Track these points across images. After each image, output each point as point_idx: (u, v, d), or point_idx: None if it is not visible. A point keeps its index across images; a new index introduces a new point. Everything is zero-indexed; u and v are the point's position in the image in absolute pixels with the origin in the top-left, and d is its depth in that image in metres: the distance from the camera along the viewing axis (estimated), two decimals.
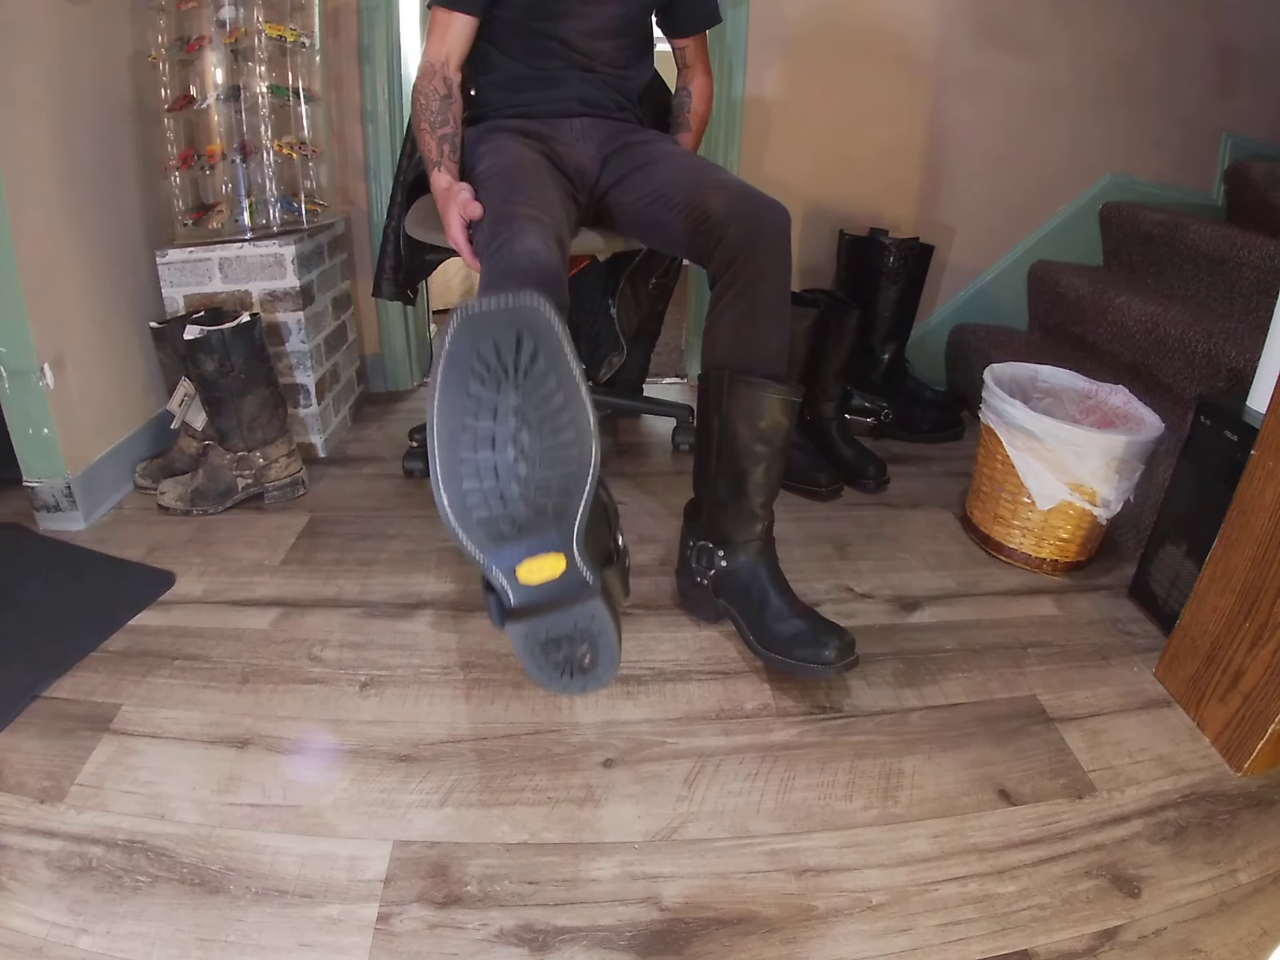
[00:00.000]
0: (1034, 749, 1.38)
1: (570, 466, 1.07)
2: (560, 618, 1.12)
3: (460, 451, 1.04)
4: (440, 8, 1.73)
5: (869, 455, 2.25)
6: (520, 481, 1.07)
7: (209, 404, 1.95)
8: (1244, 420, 1.52)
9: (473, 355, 1.01)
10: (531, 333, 1.01)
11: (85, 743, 1.32)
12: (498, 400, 1.03)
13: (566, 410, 1.05)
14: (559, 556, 1.11)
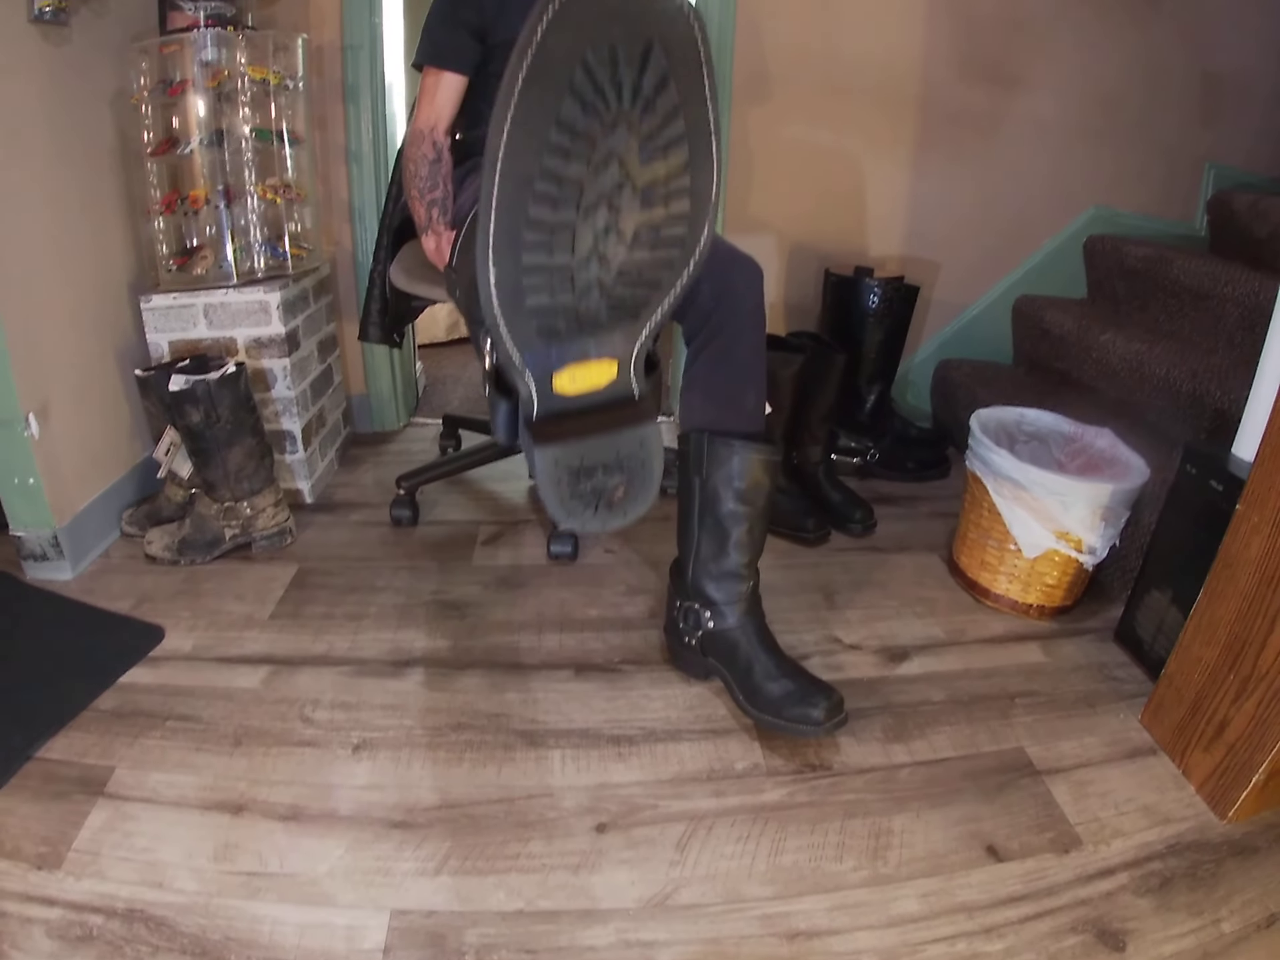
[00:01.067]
0: (1021, 803, 1.39)
1: (673, 251, 0.87)
2: (604, 444, 0.97)
3: (530, 207, 0.80)
4: (431, 67, 1.75)
5: (855, 499, 2.26)
6: (603, 264, 0.85)
7: (195, 455, 1.95)
8: (1229, 470, 1.54)
9: (575, 62, 0.74)
10: (666, 47, 0.76)
11: (80, 807, 1.32)
12: (600, 137, 0.78)
13: (690, 171, 0.82)
14: (611, 363, 0.94)
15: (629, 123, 0.77)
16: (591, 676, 1.66)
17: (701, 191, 0.84)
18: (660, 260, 0.88)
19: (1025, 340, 2.85)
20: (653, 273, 0.89)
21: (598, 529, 1.15)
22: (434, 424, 2.90)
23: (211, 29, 2.05)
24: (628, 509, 1.08)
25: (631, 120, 0.77)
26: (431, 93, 1.75)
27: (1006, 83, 2.68)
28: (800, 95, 2.62)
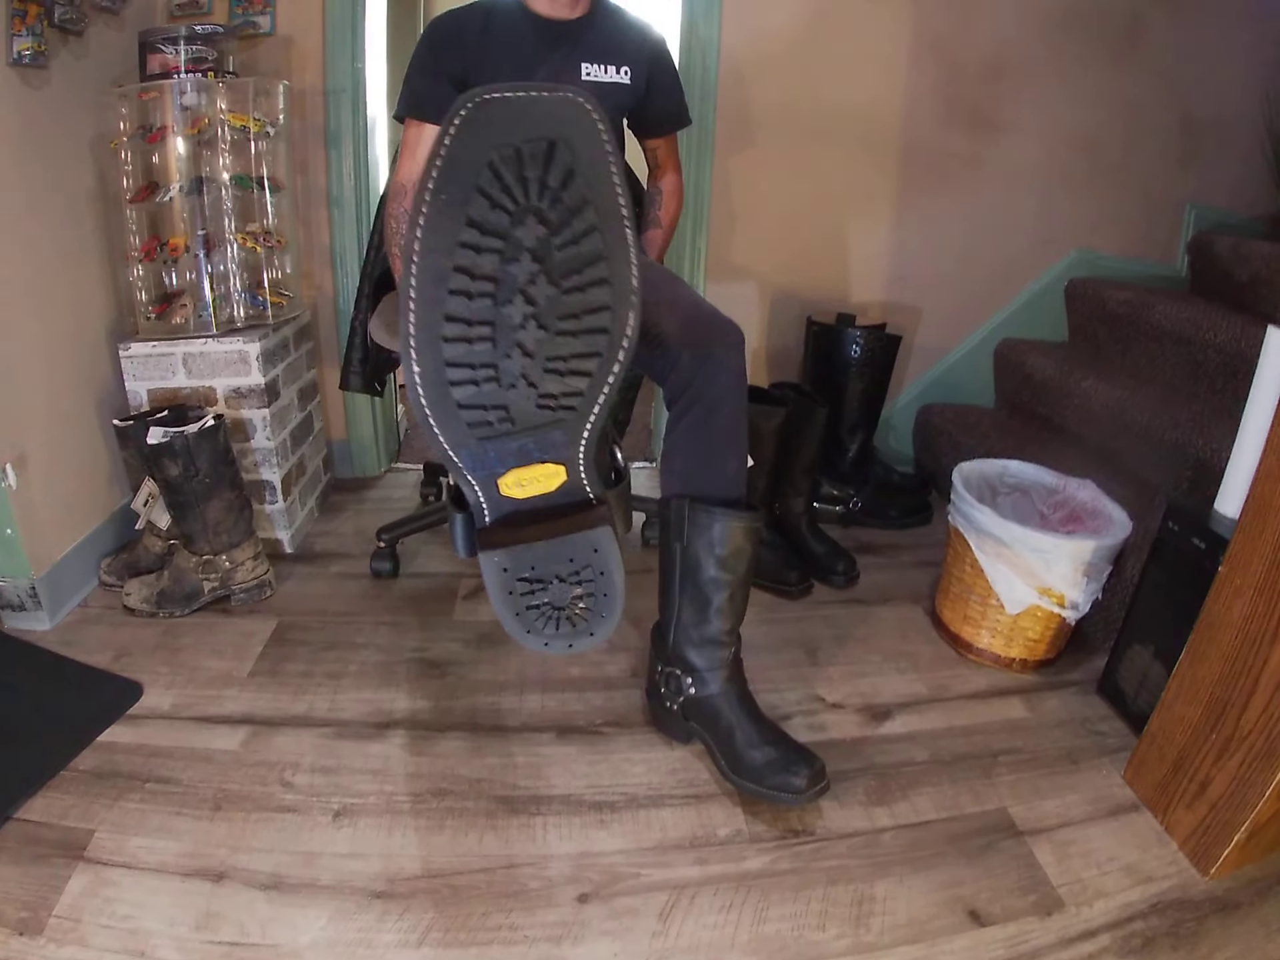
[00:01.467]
0: (1004, 866, 1.39)
1: (596, 344, 0.86)
2: (553, 548, 0.93)
3: (447, 303, 0.81)
4: (412, 120, 1.75)
5: (838, 550, 2.26)
6: (526, 353, 0.84)
7: (173, 508, 1.94)
8: (1211, 528, 1.55)
9: (481, 165, 0.75)
10: (569, 143, 0.77)
11: (60, 871, 1.31)
12: (511, 232, 0.79)
13: (604, 261, 0.82)
14: (558, 467, 0.93)
15: (538, 215, 0.78)
16: (573, 739, 1.65)
17: (620, 279, 0.84)
18: (585, 350, 0.88)
19: (1007, 385, 2.86)
20: (580, 363, 0.89)
21: (562, 651, 1.11)
22: (415, 470, 2.89)
23: (192, 75, 2.05)
24: (593, 627, 1.03)
25: (540, 213, 0.78)
26: (413, 146, 1.75)
27: (988, 128, 2.70)
28: (783, 143, 2.64)
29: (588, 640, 1.05)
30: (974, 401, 2.94)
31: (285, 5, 2.35)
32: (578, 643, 1.05)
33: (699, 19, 2.49)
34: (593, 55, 1.80)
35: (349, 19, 2.38)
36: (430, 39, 1.78)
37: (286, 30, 2.37)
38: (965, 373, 2.94)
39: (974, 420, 2.76)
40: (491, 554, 0.94)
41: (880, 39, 2.58)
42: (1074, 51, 2.67)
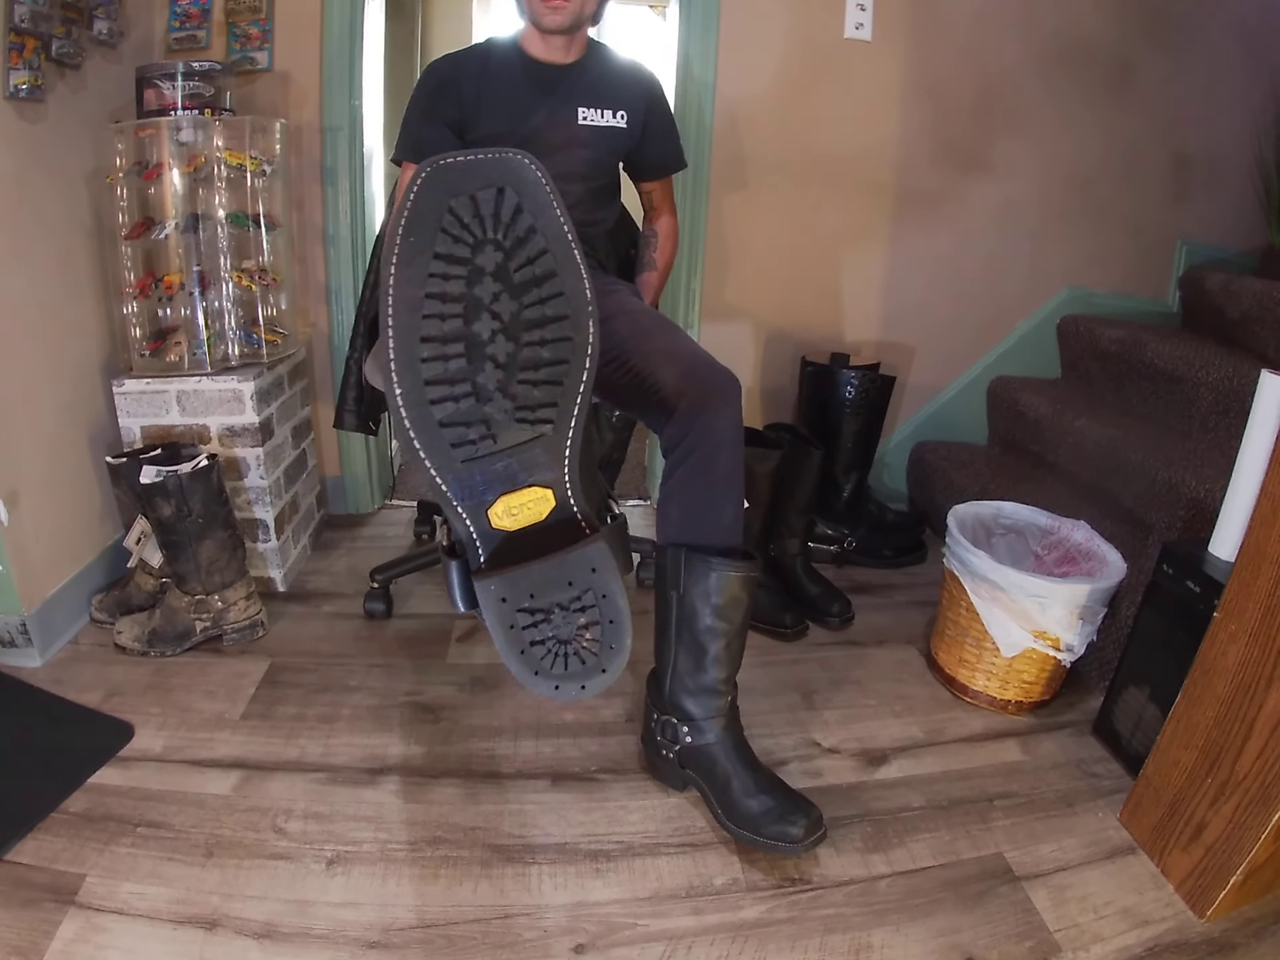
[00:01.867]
0: (1001, 911, 1.38)
1: (562, 351, 0.93)
2: (550, 570, 0.95)
3: (422, 327, 0.90)
4: (410, 164, 1.77)
5: (833, 591, 2.26)
6: (499, 365, 0.91)
7: (166, 547, 1.93)
8: (1206, 571, 1.56)
9: (442, 211, 0.87)
10: (516, 187, 0.88)
11: (51, 916, 1.29)
12: (473, 259, 0.89)
13: (558, 277, 0.91)
14: (545, 491, 0.97)
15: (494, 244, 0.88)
16: (568, 786, 1.64)
17: (575, 292, 0.93)
18: (553, 357, 0.94)
19: (1000, 422, 2.87)
20: (550, 371, 0.94)
21: (575, 693, 1.09)
22: (409, 507, 2.89)
23: (189, 112, 2.06)
24: (604, 662, 1.04)
25: (496, 242, 0.88)
26: None
27: (980, 168, 2.72)
28: (777, 184, 2.66)
29: (600, 679, 1.05)
30: (967, 439, 2.95)
31: (283, 41, 2.36)
32: (590, 682, 1.05)
33: (695, 62, 2.51)
34: (588, 99, 1.82)
35: (346, 56, 2.39)
36: (427, 84, 1.80)
37: (284, 66, 2.38)
38: (958, 410, 2.95)
39: (967, 458, 2.76)
40: (488, 583, 0.95)
41: (874, 81, 2.61)
42: (1065, 91, 2.70)
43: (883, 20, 2.56)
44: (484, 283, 0.89)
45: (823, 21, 2.54)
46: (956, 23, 2.60)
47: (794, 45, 2.55)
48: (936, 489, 2.67)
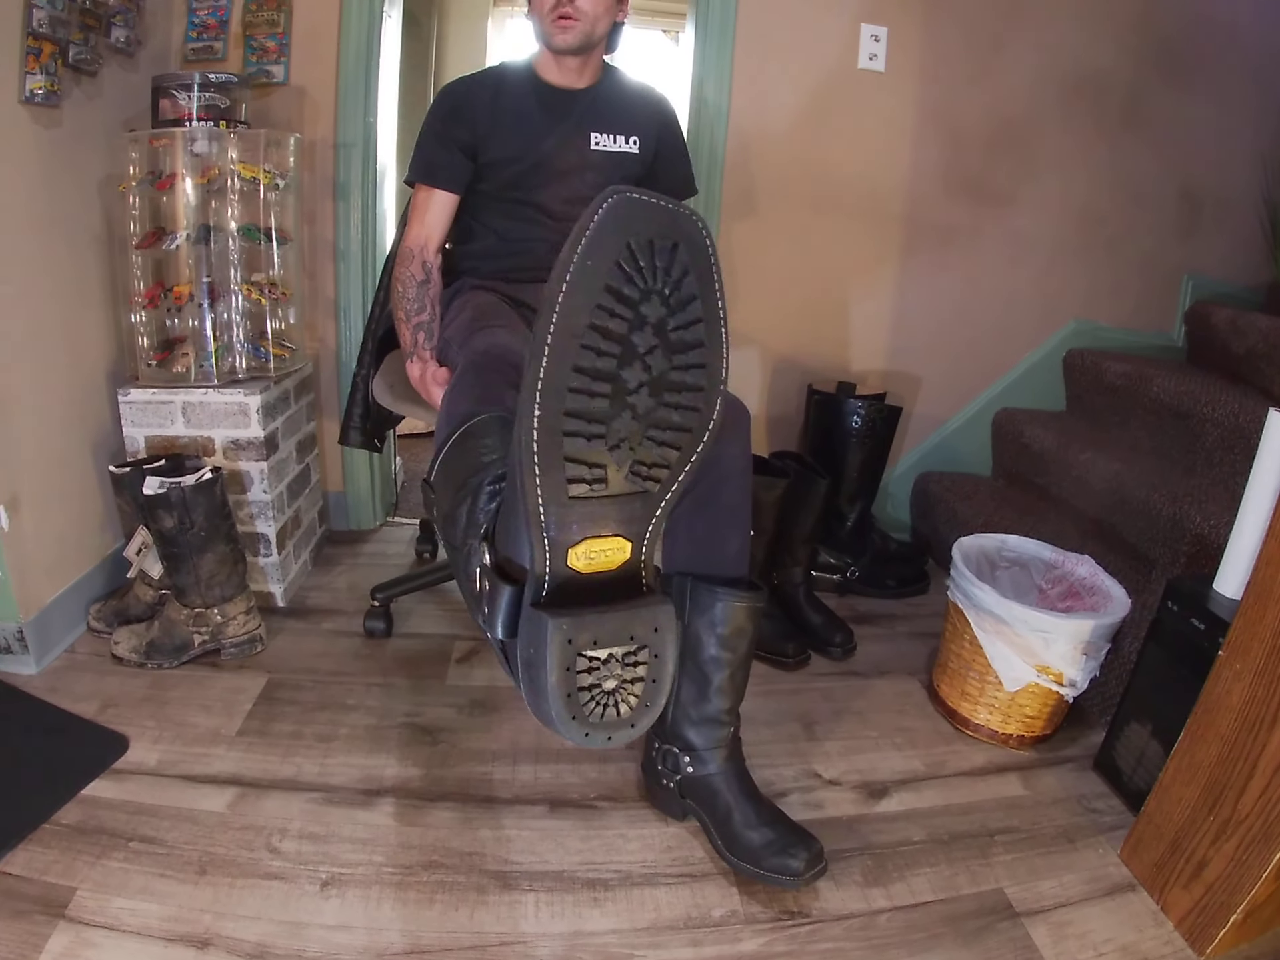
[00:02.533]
0: (1000, 948, 1.37)
1: (690, 420, 0.95)
2: (622, 621, 0.96)
3: (580, 357, 0.90)
4: (422, 186, 1.78)
5: (836, 621, 2.25)
6: (635, 416, 0.92)
7: (167, 559, 1.92)
8: (1210, 609, 1.55)
9: (621, 244, 0.86)
10: (688, 246, 0.89)
11: (41, 929, 1.28)
12: (639, 306, 0.89)
13: (705, 348, 0.92)
14: (626, 543, 0.98)
15: (660, 296, 0.88)
16: (567, 813, 1.62)
17: (714, 368, 0.93)
18: (681, 424, 0.95)
19: (1005, 454, 2.87)
20: (674, 436, 0.95)
21: (600, 743, 1.07)
22: (411, 525, 2.88)
23: (204, 124, 2.06)
24: (636, 718, 1.03)
25: (663, 295, 0.88)
26: (423, 210, 1.78)
27: (989, 200, 2.73)
28: (787, 212, 2.66)
29: (626, 733, 1.03)
30: (972, 470, 2.95)
31: (300, 56, 2.37)
32: (617, 735, 1.03)
33: (709, 87, 2.52)
34: (602, 125, 1.83)
35: (362, 73, 2.39)
36: (441, 108, 1.81)
37: (300, 81, 2.39)
38: (963, 441, 2.95)
39: (971, 489, 2.76)
40: (561, 622, 0.94)
41: (886, 112, 2.61)
42: (1075, 125, 2.71)
43: (896, 52, 2.57)
44: (644, 332, 0.89)
45: (837, 51, 2.56)
46: (970, 55, 2.61)
47: (808, 74, 2.56)
48: (940, 520, 2.67)
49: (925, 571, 2.62)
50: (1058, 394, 2.96)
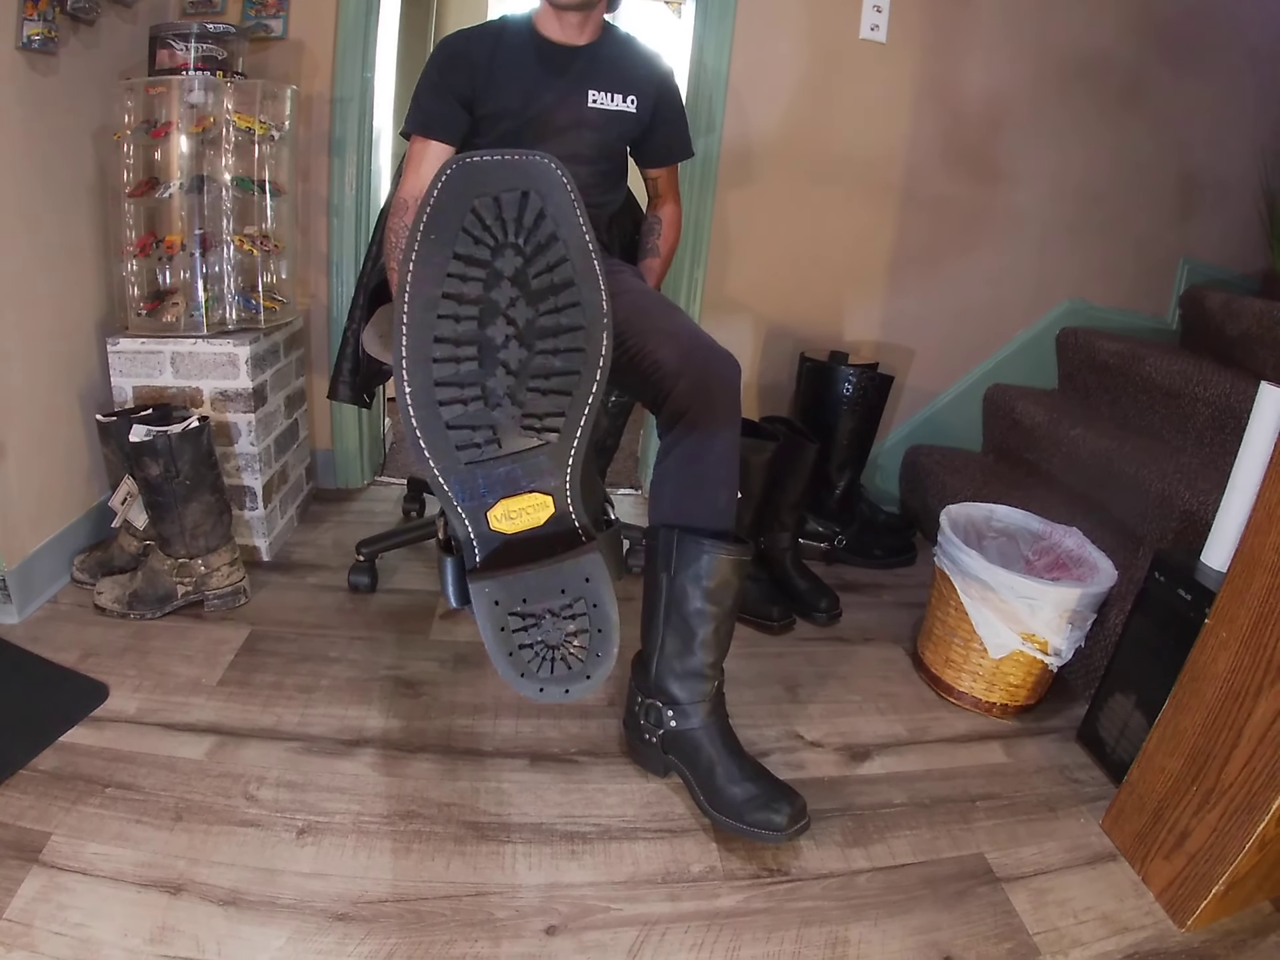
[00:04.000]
0: (980, 912, 1.37)
1: (574, 362, 0.94)
2: (544, 577, 0.97)
3: (437, 326, 0.91)
4: (418, 137, 1.76)
5: (822, 587, 2.25)
6: (510, 371, 0.92)
7: (152, 508, 1.91)
8: (1197, 579, 1.55)
9: (465, 210, 0.87)
10: (540, 191, 0.88)
11: (13, 873, 1.27)
12: (493, 262, 0.89)
13: (575, 287, 0.92)
14: (545, 498, 0.98)
15: (515, 248, 0.88)
16: (547, 767, 1.62)
17: (591, 303, 0.93)
18: (564, 368, 0.95)
19: (995, 429, 2.87)
20: (560, 381, 0.95)
21: (558, 697, 1.10)
22: (398, 484, 2.87)
23: (200, 73, 2.04)
24: (589, 668, 1.04)
25: (517, 246, 0.88)
26: (417, 162, 1.76)
27: (987, 176, 2.72)
28: (784, 180, 2.65)
29: (583, 685, 1.05)
30: (962, 444, 2.95)
31: (299, 10, 2.35)
32: (574, 687, 1.05)
33: (709, 55, 2.50)
34: (600, 83, 1.81)
35: (361, 28, 2.38)
36: (439, 59, 1.79)
37: (298, 35, 2.37)
38: (954, 415, 2.95)
39: (961, 463, 2.76)
40: (483, 585, 0.96)
41: (885, 84, 2.60)
42: (1075, 105, 2.70)
43: (898, 23, 2.55)
44: (501, 287, 0.89)
45: (838, 21, 2.54)
46: (972, 29, 2.60)
47: (808, 44, 2.55)
48: (929, 493, 2.66)
49: (913, 543, 2.62)
50: (1050, 372, 2.96)
